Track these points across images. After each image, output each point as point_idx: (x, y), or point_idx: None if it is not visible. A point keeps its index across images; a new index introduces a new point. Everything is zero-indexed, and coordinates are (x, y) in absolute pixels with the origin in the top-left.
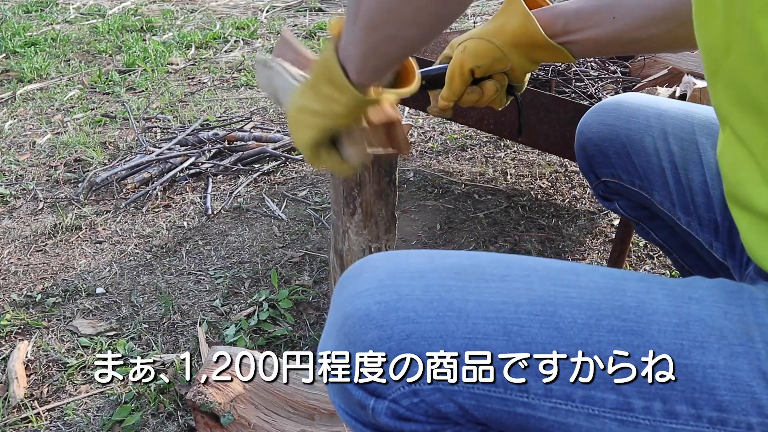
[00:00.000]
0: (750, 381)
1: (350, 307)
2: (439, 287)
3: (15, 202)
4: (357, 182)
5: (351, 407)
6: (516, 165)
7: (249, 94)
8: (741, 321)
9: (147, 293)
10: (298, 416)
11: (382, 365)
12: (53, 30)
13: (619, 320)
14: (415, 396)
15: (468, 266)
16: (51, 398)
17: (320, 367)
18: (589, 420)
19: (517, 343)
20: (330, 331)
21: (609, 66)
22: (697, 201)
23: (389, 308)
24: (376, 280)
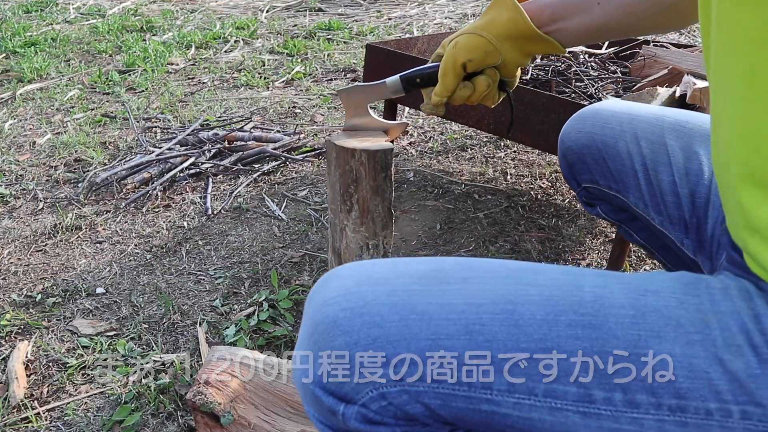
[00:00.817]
0: (707, 368)
1: (319, 316)
2: (403, 292)
3: (15, 202)
4: (354, 179)
5: (323, 414)
6: (516, 165)
7: (249, 94)
8: (697, 310)
9: (147, 293)
10: (298, 416)
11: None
12: (53, 30)
13: (578, 315)
14: (383, 399)
15: (431, 271)
16: (51, 398)
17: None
18: (552, 413)
19: (479, 342)
20: (301, 341)
21: (609, 66)
22: (667, 200)
23: (355, 314)
24: (343, 288)
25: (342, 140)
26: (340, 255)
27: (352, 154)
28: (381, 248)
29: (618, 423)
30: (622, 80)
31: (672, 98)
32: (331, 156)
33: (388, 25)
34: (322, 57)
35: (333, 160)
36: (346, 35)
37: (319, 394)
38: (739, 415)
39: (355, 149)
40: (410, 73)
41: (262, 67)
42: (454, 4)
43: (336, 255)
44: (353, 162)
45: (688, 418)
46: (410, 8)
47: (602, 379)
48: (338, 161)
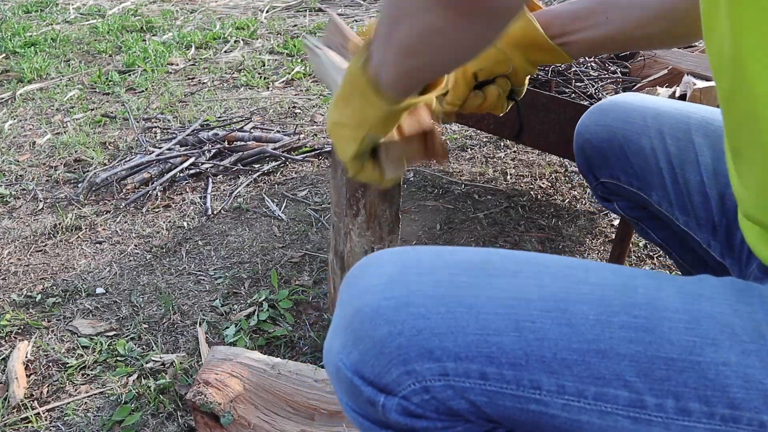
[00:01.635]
0: (762, 378)
1: (359, 303)
2: (449, 283)
3: (15, 202)
4: (362, 183)
5: (359, 405)
6: (516, 165)
7: (249, 94)
8: (751, 319)
9: (147, 293)
10: (298, 416)
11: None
12: (53, 30)
13: (631, 317)
14: (426, 393)
15: (478, 262)
16: (51, 398)
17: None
18: (601, 417)
19: (528, 339)
20: (337, 329)
21: (609, 66)
22: (695, 200)
23: (399, 304)
24: (385, 276)
25: None
26: (343, 258)
27: None
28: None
29: (668, 430)
30: (622, 80)
31: (672, 98)
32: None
33: None
34: None
35: (339, 164)
36: None
37: (357, 383)
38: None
39: None
40: None
41: (262, 67)
42: None
43: (338, 258)
44: None
45: (740, 429)
46: None
47: (654, 384)
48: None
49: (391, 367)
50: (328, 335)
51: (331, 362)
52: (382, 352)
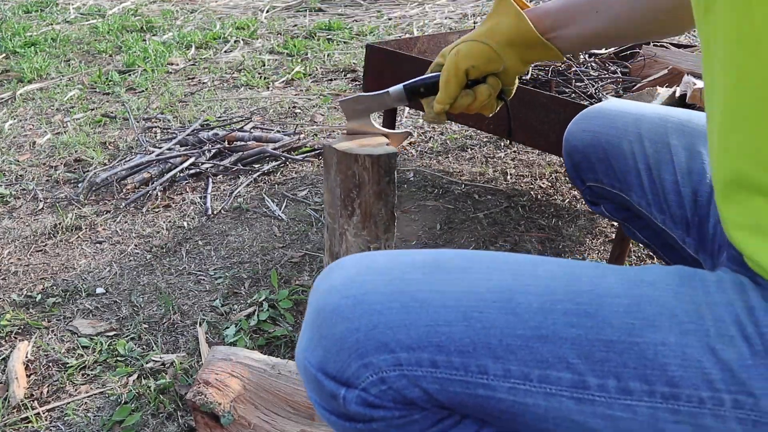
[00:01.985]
0: (700, 357)
1: (321, 303)
2: (403, 281)
3: (15, 202)
4: (356, 184)
5: (324, 399)
6: (516, 165)
7: (249, 94)
8: (692, 301)
9: (147, 293)
10: (298, 416)
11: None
12: (53, 30)
13: (574, 303)
14: (382, 384)
15: (431, 261)
16: (51, 398)
17: (297, 363)
18: (546, 399)
19: (476, 328)
20: (305, 328)
21: (609, 66)
22: (670, 199)
23: (356, 302)
24: (345, 277)
25: (341, 144)
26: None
27: (354, 159)
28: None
29: (611, 409)
30: (622, 80)
31: (672, 98)
32: (330, 161)
33: (388, 25)
34: (322, 57)
35: (333, 165)
36: (346, 35)
37: (320, 378)
38: (731, 404)
39: (358, 154)
40: (413, 83)
41: (262, 67)
42: (454, 4)
43: (333, 259)
44: (356, 167)
45: (680, 406)
46: (410, 8)
47: (596, 365)
48: (339, 166)
49: (351, 361)
50: (300, 334)
51: (299, 362)
52: (342, 348)
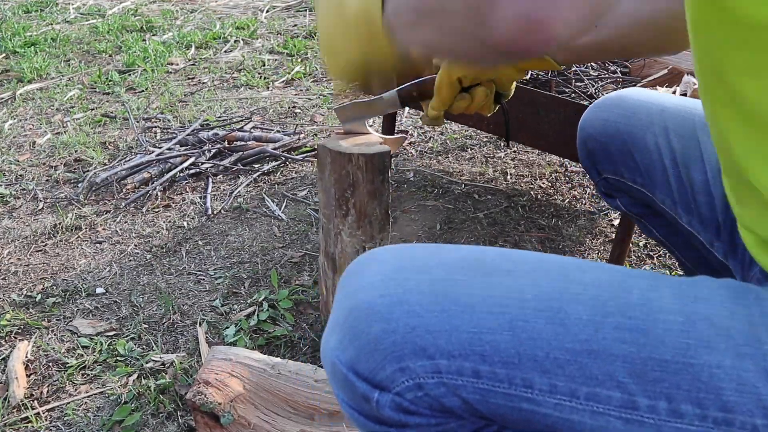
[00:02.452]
0: (756, 382)
1: (354, 301)
2: (445, 281)
3: (15, 202)
4: (350, 183)
5: (354, 400)
6: (516, 165)
7: (249, 94)
8: (748, 322)
9: (147, 293)
10: (298, 416)
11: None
12: (53, 30)
13: (625, 317)
14: (419, 390)
15: (474, 261)
16: (51, 398)
17: (325, 360)
18: (593, 417)
19: (522, 339)
20: (334, 326)
21: (609, 66)
22: (699, 200)
23: (394, 302)
24: (381, 274)
25: (335, 144)
26: (334, 260)
27: (348, 159)
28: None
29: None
30: (622, 80)
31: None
32: (324, 161)
33: None
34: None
35: (327, 165)
36: None
37: (352, 379)
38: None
39: (351, 153)
40: (406, 87)
41: (262, 67)
42: None
43: (329, 259)
44: (350, 166)
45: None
46: None
47: (647, 385)
48: (333, 166)
49: (385, 363)
50: (325, 332)
51: (328, 358)
52: (376, 349)
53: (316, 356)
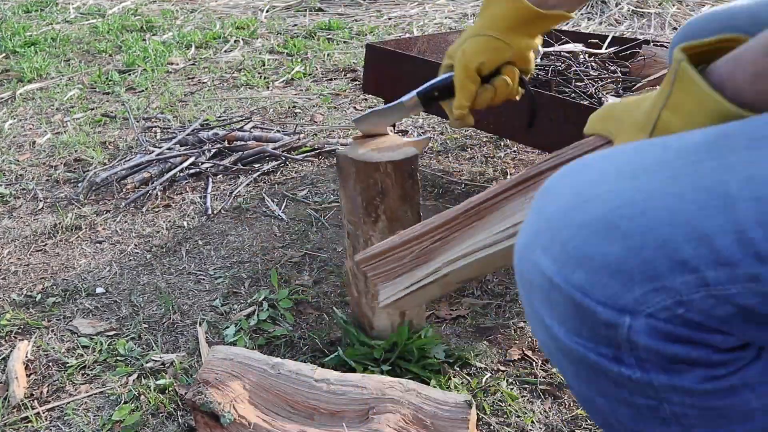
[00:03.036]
0: None
1: (582, 214)
2: (693, 173)
3: (15, 202)
4: (379, 191)
5: (588, 330)
6: (516, 165)
7: (249, 93)
8: None
9: (147, 293)
10: (297, 416)
11: (632, 278)
12: (53, 30)
13: None
14: (679, 307)
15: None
16: (51, 398)
17: (530, 284)
18: None
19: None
20: (546, 245)
21: (609, 66)
22: None
23: (635, 212)
24: (606, 182)
25: (357, 152)
26: None
27: (376, 168)
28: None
29: None
30: (622, 80)
31: None
32: (348, 171)
33: (388, 25)
34: (322, 57)
35: (352, 175)
36: (346, 35)
37: (590, 305)
38: None
39: (379, 162)
40: (426, 88)
41: (262, 67)
42: (454, 4)
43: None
44: (378, 175)
45: None
46: (410, 8)
47: None
48: (359, 176)
49: (634, 285)
50: (524, 250)
51: (542, 283)
52: (619, 270)
53: (315, 356)
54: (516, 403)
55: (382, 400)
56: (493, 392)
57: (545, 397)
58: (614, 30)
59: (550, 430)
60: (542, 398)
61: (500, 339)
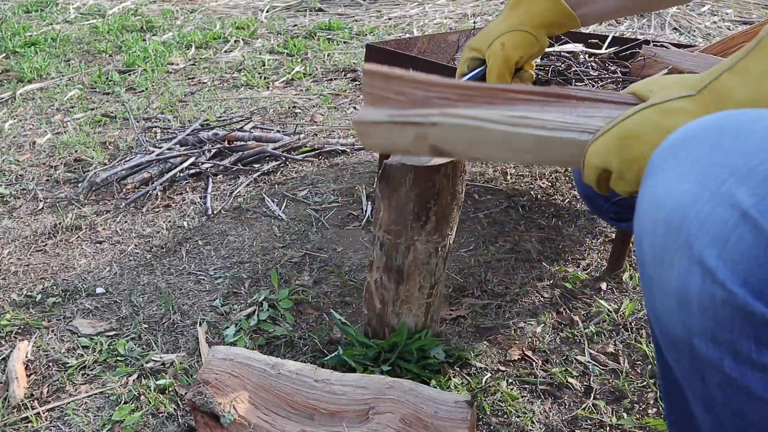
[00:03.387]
0: None
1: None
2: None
3: (15, 202)
4: (434, 193)
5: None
6: (516, 165)
7: (249, 93)
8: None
9: (147, 293)
10: (298, 416)
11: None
12: (53, 30)
13: None
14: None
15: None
16: (51, 398)
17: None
18: None
19: None
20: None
21: (609, 66)
22: None
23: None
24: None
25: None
26: (402, 271)
27: (437, 170)
28: (447, 246)
29: None
30: (622, 80)
31: None
32: (401, 180)
33: (388, 25)
34: (322, 57)
35: (406, 183)
36: (346, 35)
37: (749, 302)
38: None
39: (440, 164)
40: None
41: (262, 67)
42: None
43: (394, 272)
44: (438, 177)
45: None
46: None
47: None
48: (416, 181)
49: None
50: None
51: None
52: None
53: (315, 356)
54: (516, 403)
55: (382, 400)
56: (493, 392)
57: (545, 397)
58: (614, 30)
59: (550, 430)
60: (542, 398)
61: (500, 339)
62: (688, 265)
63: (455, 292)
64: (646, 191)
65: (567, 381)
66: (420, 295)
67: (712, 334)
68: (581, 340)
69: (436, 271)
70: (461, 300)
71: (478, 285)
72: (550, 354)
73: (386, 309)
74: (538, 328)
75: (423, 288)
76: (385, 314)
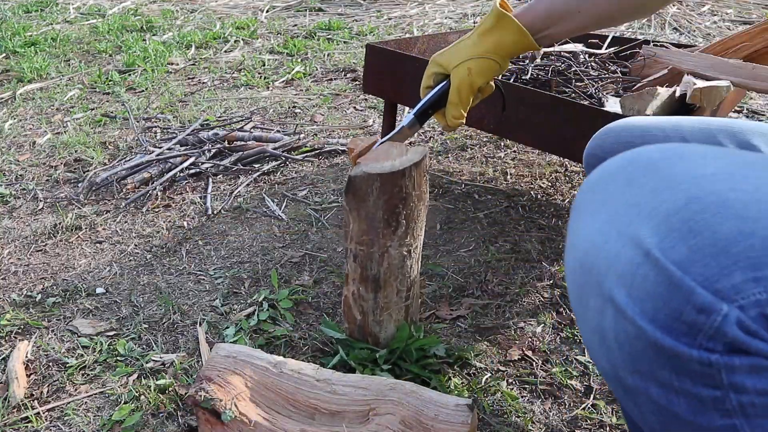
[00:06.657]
0: None
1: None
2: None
3: (15, 202)
4: (402, 197)
5: (673, 312)
6: (516, 165)
7: (249, 93)
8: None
9: (147, 293)
10: (298, 415)
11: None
12: (53, 30)
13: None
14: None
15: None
16: (51, 398)
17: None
18: None
19: None
20: (653, 214)
21: (609, 66)
22: None
23: (750, 199)
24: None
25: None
26: (378, 279)
27: (402, 174)
28: (419, 247)
29: None
30: (622, 80)
31: (672, 98)
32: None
33: (388, 25)
34: (322, 57)
35: (373, 191)
36: (346, 35)
37: (689, 284)
38: None
39: (404, 168)
40: (420, 108)
41: (262, 67)
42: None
43: (370, 282)
44: (403, 181)
45: None
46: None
47: None
48: (383, 188)
49: (735, 270)
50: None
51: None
52: (725, 251)
53: (315, 356)
54: (516, 403)
55: (383, 401)
56: (493, 392)
57: (545, 397)
58: (614, 30)
59: (550, 430)
60: (542, 398)
61: (500, 339)
62: (601, 303)
63: (455, 292)
64: (569, 231)
65: (567, 381)
66: (398, 299)
67: (633, 367)
68: (581, 340)
69: (411, 274)
70: (461, 300)
71: (478, 285)
72: (550, 354)
73: (367, 319)
74: (538, 328)
75: (400, 292)
76: (366, 324)
